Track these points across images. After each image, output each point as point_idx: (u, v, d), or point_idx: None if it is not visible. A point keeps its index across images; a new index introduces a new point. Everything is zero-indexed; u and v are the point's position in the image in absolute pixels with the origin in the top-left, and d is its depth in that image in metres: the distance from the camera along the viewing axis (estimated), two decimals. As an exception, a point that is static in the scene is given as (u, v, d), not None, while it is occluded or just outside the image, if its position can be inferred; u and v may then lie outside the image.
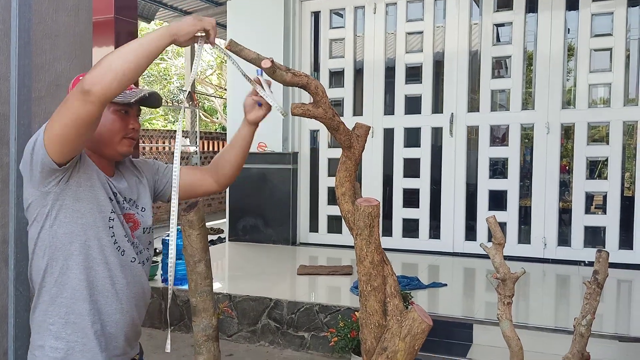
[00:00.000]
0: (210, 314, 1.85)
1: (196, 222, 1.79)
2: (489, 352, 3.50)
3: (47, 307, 1.54)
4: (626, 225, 5.27)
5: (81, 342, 1.56)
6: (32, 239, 1.55)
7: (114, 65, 1.36)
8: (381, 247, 1.73)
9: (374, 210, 1.71)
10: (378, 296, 1.73)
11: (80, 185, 1.53)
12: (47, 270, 1.54)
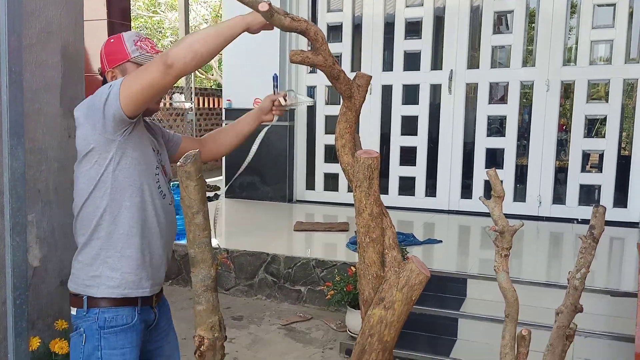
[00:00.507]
0: (209, 264, 1.85)
1: (194, 173, 1.76)
2: (482, 305, 3.56)
3: (103, 242, 1.75)
4: (621, 184, 5.29)
5: (134, 272, 1.77)
6: (92, 180, 1.73)
7: (194, 47, 1.54)
8: (380, 199, 1.72)
9: (373, 162, 1.69)
10: (376, 248, 1.73)
11: (139, 137, 1.75)
12: (107, 210, 1.73)
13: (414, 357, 3.30)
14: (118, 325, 1.75)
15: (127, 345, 1.77)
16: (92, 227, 1.75)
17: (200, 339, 1.85)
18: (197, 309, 1.87)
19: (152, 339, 1.94)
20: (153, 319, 1.91)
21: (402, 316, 1.78)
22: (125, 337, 1.76)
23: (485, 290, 3.68)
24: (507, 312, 1.80)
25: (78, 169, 1.77)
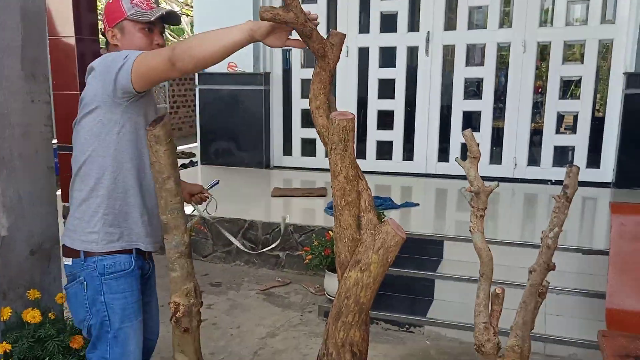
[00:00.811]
0: (182, 231, 1.83)
1: (163, 137, 1.72)
2: (458, 266, 3.61)
3: (102, 200, 1.82)
4: (595, 145, 5.36)
5: (131, 229, 1.86)
6: (95, 137, 1.79)
7: (193, 52, 1.60)
8: (356, 162, 1.69)
9: (348, 124, 1.66)
10: (352, 210, 1.72)
11: (144, 104, 1.81)
12: (108, 169, 1.81)
13: (392, 318, 3.35)
14: (117, 271, 1.84)
15: (127, 289, 1.86)
16: (92, 185, 1.81)
17: (176, 306, 1.84)
18: (172, 275, 1.86)
19: (145, 292, 2.03)
20: (148, 269, 2.03)
21: (378, 278, 1.78)
22: (125, 281, 1.86)
23: (461, 252, 3.72)
24: (482, 272, 1.82)
25: (81, 122, 1.82)
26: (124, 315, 1.85)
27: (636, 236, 2.64)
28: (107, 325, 1.84)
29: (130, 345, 1.87)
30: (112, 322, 1.84)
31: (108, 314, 1.83)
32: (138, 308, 1.91)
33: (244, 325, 3.38)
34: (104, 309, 1.83)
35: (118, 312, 1.84)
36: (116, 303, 1.84)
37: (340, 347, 1.86)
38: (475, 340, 1.78)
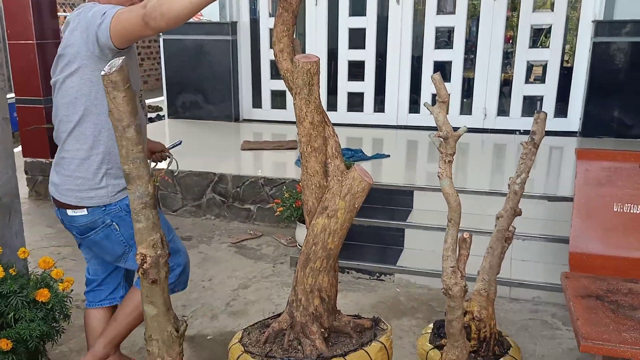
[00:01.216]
0: (146, 181, 1.76)
1: (120, 82, 1.63)
2: (428, 215, 3.65)
3: (103, 157, 1.90)
4: (563, 94, 5.40)
5: None
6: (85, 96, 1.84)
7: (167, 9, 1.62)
8: (322, 107, 1.65)
9: (313, 67, 1.61)
10: (319, 157, 1.69)
11: (129, 57, 1.82)
12: (104, 126, 1.87)
13: (363, 267, 3.39)
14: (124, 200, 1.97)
15: None
16: (90, 143, 1.89)
17: (143, 257, 1.80)
18: (137, 226, 1.81)
19: None
20: None
21: (346, 224, 1.78)
22: None
23: (431, 201, 3.76)
24: (450, 217, 1.83)
25: (65, 82, 1.84)
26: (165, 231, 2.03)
27: (600, 182, 2.68)
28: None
29: (176, 247, 2.11)
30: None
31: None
32: (166, 222, 2.07)
33: (216, 278, 3.38)
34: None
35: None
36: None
37: (309, 293, 1.87)
38: (442, 283, 1.81)
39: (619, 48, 4.95)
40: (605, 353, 1.62)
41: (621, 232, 2.61)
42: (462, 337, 1.91)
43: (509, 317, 2.91)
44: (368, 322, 1.90)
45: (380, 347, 1.84)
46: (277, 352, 1.85)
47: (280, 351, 1.87)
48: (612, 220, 2.63)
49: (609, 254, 2.58)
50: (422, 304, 3.06)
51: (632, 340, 1.62)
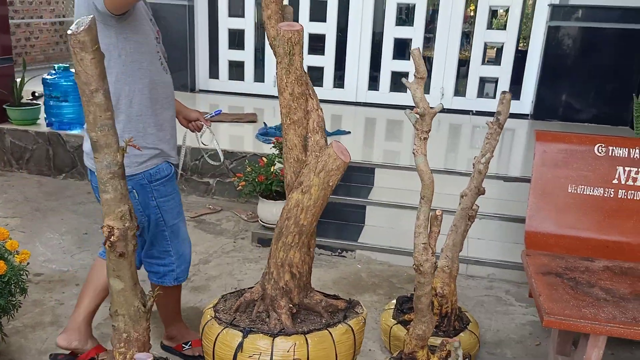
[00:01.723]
0: (114, 149, 1.68)
1: (89, 43, 1.54)
2: (388, 193, 3.69)
3: (124, 125, 1.89)
4: (517, 77, 5.55)
5: (156, 146, 1.97)
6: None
7: None
8: (305, 78, 1.62)
9: (294, 35, 1.56)
10: (298, 130, 1.66)
11: (137, 20, 1.82)
12: (122, 94, 1.87)
13: (325, 243, 3.40)
14: (162, 177, 2.02)
15: (173, 192, 2.08)
16: (116, 112, 1.85)
17: (110, 229, 1.73)
18: (104, 197, 1.73)
19: None
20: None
21: (319, 201, 1.76)
22: (169, 185, 2.05)
23: (391, 179, 3.80)
24: (423, 194, 1.84)
25: None
26: (175, 213, 2.09)
27: (556, 163, 2.78)
28: (163, 225, 2.07)
29: (182, 234, 2.16)
30: (167, 221, 2.07)
31: (162, 214, 2.05)
32: (181, 205, 2.14)
33: (174, 252, 3.30)
34: (157, 212, 2.04)
35: (169, 211, 2.07)
36: (166, 204, 2.05)
37: (280, 267, 1.85)
38: (414, 260, 1.83)
39: (572, 33, 5.11)
40: (567, 328, 1.70)
41: (574, 213, 2.72)
42: (429, 312, 1.95)
43: (466, 293, 3.00)
44: (343, 303, 1.89)
45: (346, 330, 1.80)
46: (243, 321, 1.84)
47: (247, 321, 1.86)
48: (566, 201, 2.74)
49: (562, 233, 2.69)
50: (383, 280, 3.11)
51: (592, 316, 1.70)
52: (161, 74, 1.96)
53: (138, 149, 1.82)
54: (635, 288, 1.88)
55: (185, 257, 2.21)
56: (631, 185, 2.65)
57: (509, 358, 2.48)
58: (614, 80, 5.08)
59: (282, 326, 1.81)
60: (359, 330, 1.85)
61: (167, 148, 2.02)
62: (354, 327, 1.83)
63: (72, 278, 2.98)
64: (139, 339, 1.91)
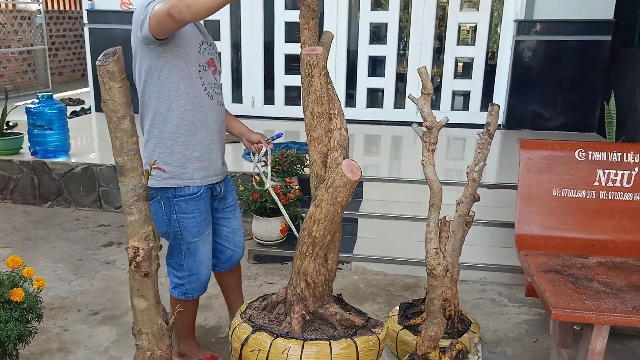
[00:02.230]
0: (140, 173, 1.75)
1: (117, 73, 1.61)
2: (377, 205, 3.81)
3: (157, 140, 2.06)
4: (488, 89, 5.79)
5: (182, 165, 2.08)
6: (141, 83, 2.03)
7: (194, 7, 1.72)
8: (326, 99, 1.71)
9: (312, 59, 1.67)
10: (317, 147, 1.75)
11: (178, 45, 1.96)
12: (157, 111, 2.03)
13: (319, 256, 3.47)
14: (186, 195, 2.10)
15: (195, 211, 2.13)
16: (148, 127, 2.07)
17: (135, 250, 1.78)
18: (129, 219, 1.78)
19: (219, 209, 2.30)
20: (219, 191, 2.24)
21: (330, 215, 1.84)
22: (193, 204, 2.12)
23: (378, 192, 3.92)
24: (432, 202, 1.95)
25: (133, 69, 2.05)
26: (194, 232, 2.14)
27: (540, 169, 2.94)
28: (180, 239, 2.15)
29: (200, 254, 2.19)
30: (184, 237, 2.14)
31: (180, 229, 2.13)
32: (206, 225, 2.18)
33: (173, 273, 3.32)
34: (176, 225, 2.13)
35: (188, 228, 2.13)
36: (186, 222, 2.12)
37: (297, 274, 1.93)
38: (427, 264, 1.93)
39: (538, 46, 5.38)
40: (573, 319, 1.83)
41: (560, 215, 2.88)
42: (440, 314, 2.05)
43: (461, 297, 3.11)
44: (361, 320, 1.91)
45: (348, 345, 1.81)
46: (262, 319, 1.92)
47: (267, 320, 1.94)
48: (551, 204, 2.90)
49: (549, 234, 2.85)
50: (381, 289, 3.20)
51: (595, 307, 1.83)
52: (201, 98, 2.05)
53: (163, 171, 1.89)
54: (630, 280, 2.02)
55: (198, 276, 2.26)
56: (611, 187, 2.83)
57: (509, 356, 2.59)
58: (579, 89, 5.36)
59: (290, 329, 1.88)
60: (365, 349, 1.84)
61: (193, 168, 2.09)
62: (358, 345, 1.83)
63: (73, 304, 2.97)
64: (162, 356, 1.96)
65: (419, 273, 3.36)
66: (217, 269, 2.44)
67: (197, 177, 2.12)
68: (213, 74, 2.11)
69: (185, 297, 2.30)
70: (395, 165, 4.71)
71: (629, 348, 2.66)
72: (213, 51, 2.15)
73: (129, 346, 2.61)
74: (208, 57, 2.09)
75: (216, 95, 2.13)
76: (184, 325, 2.37)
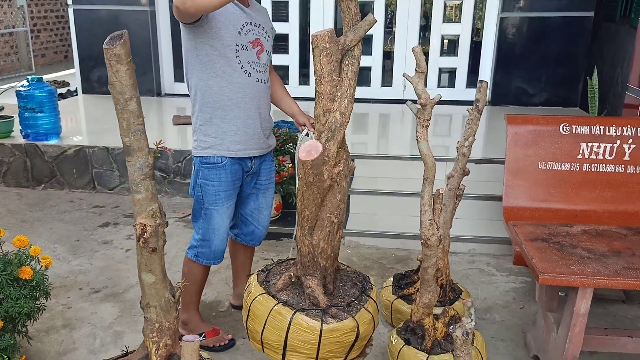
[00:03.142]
0: (146, 152, 1.80)
1: (124, 56, 1.66)
2: (368, 181, 3.90)
3: (198, 113, 2.25)
4: (473, 67, 5.87)
5: (219, 137, 2.23)
6: (187, 64, 2.22)
7: (198, 2, 1.89)
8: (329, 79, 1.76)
9: (314, 39, 1.73)
10: (316, 126, 1.82)
11: (212, 27, 2.09)
12: (198, 89, 2.20)
13: (313, 232, 3.56)
14: (210, 162, 2.26)
15: (216, 179, 2.27)
16: (192, 100, 2.26)
17: (143, 227, 1.85)
18: (137, 197, 1.84)
19: (250, 184, 2.43)
20: (250, 167, 2.35)
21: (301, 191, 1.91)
22: (215, 172, 2.26)
23: (368, 169, 4.01)
24: (426, 176, 2.04)
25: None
26: (212, 200, 2.28)
27: (527, 143, 3.04)
28: (201, 203, 2.31)
29: (215, 223, 2.32)
30: (204, 202, 2.30)
31: (202, 194, 2.29)
32: (226, 197, 2.30)
33: (170, 252, 3.39)
34: (199, 190, 2.30)
35: (208, 194, 2.27)
36: (207, 188, 2.27)
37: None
38: (422, 235, 2.02)
39: (522, 23, 5.46)
40: (559, 283, 1.94)
41: (545, 187, 3.00)
42: (434, 282, 2.16)
43: (452, 268, 3.23)
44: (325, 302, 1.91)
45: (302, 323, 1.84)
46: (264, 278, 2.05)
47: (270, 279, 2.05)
48: (537, 177, 3.01)
49: (535, 206, 2.97)
50: (374, 262, 3.31)
51: (579, 272, 1.94)
52: (239, 76, 2.18)
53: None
54: (612, 246, 2.14)
55: (209, 243, 2.37)
56: (594, 159, 2.95)
57: (498, 322, 2.72)
58: (563, 65, 5.47)
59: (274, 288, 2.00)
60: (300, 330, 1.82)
61: (230, 140, 2.23)
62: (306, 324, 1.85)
63: (74, 283, 3.03)
64: (170, 328, 2.04)
65: (410, 246, 3.48)
66: (237, 239, 2.58)
67: (234, 149, 2.25)
68: (258, 53, 2.22)
69: (196, 260, 2.41)
70: (383, 143, 4.80)
71: (611, 312, 2.81)
72: (262, 31, 2.25)
73: (132, 321, 2.69)
74: (253, 37, 2.20)
75: (256, 74, 2.23)
76: (188, 293, 2.46)
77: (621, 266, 1.99)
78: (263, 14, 2.33)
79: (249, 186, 2.43)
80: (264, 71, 2.28)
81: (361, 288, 2.07)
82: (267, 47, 2.28)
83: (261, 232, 2.58)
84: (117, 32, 1.68)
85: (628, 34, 4.74)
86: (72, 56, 6.55)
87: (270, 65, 2.40)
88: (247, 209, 2.49)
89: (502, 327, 2.67)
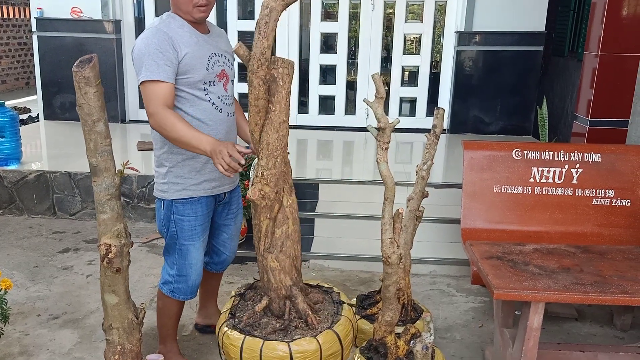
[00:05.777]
0: (112, 173, 1.84)
1: (93, 78, 1.71)
2: (333, 206, 3.97)
3: (167, 155, 2.18)
4: (432, 96, 6.10)
5: (194, 178, 2.19)
6: None
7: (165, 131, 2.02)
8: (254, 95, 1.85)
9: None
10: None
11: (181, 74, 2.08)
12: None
13: (278, 256, 3.59)
14: (183, 198, 2.20)
15: (192, 215, 2.22)
16: (160, 143, 2.18)
17: (107, 247, 1.87)
18: (102, 217, 1.87)
19: (222, 214, 2.41)
20: (223, 198, 2.34)
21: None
22: (190, 208, 2.21)
23: (333, 193, 4.09)
24: (387, 196, 2.12)
25: None
26: (188, 235, 2.23)
27: (482, 168, 3.18)
28: (175, 239, 2.24)
29: (192, 258, 2.27)
30: (179, 238, 2.23)
31: (176, 230, 2.23)
32: (202, 230, 2.27)
33: (134, 277, 3.35)
34: (173, 226, 2.23)
35: (184, 230, 2.22)
36: (182, 224, 2.22)
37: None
38: (382, 253, 2.10)
39: (477, 56, 5.73)
40: (512, 298, 2.04)
41: (500, 209, 3.13)
42: (395, 300, 2.22)
43: (414, 289, 3.31)
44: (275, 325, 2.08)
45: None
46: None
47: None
48: (493, 200, 3.14)
49: (491, 227, 3.09)
50: (338, 285, 3.35)
51: (531, 287, 2.05)
52: (209, 113, 2.15)
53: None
54: (561, 264, 2.26)
55: (186, 279, 2.31)
56: (544, 183, 3.10)
57: (458, 340, 2.80)
58: (516, 96, 5.74)
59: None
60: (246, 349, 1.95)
61: (205, 179, 2.20)
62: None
63: (32, 309, 2.97)
64: (133, 350, 2.04)
65: (373, 268, 3.55)
66: (207, 267, 2.53)
67: (209, 187, 2.22)
68: (224, 85, 2.20)
69: (172, 295, 2.34)
70: (347, 168, 4.90)
71: (564, 329, 2.93)
72: (225, 60, 2.22)
73: (92, 347, 2.65)
74: (219, 70, 2.17)
75: (226, 107, 2.22)
76: (165, 326, 2.43)
77: (570, 282, 2.11)
78: (224, 39, 2.30)
79: (220, 216, 2.40)
80: (231, 103, 2.26)
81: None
82: (231, 77, 2.26)
83: (231, 259, 2.58)
84: (87, 55, 1.73)
85: (575, 68, 5.04)
86: (34, 83, 6.48)
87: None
88: (220, 239, 2.47)
89: (462, 345, 2.75)
